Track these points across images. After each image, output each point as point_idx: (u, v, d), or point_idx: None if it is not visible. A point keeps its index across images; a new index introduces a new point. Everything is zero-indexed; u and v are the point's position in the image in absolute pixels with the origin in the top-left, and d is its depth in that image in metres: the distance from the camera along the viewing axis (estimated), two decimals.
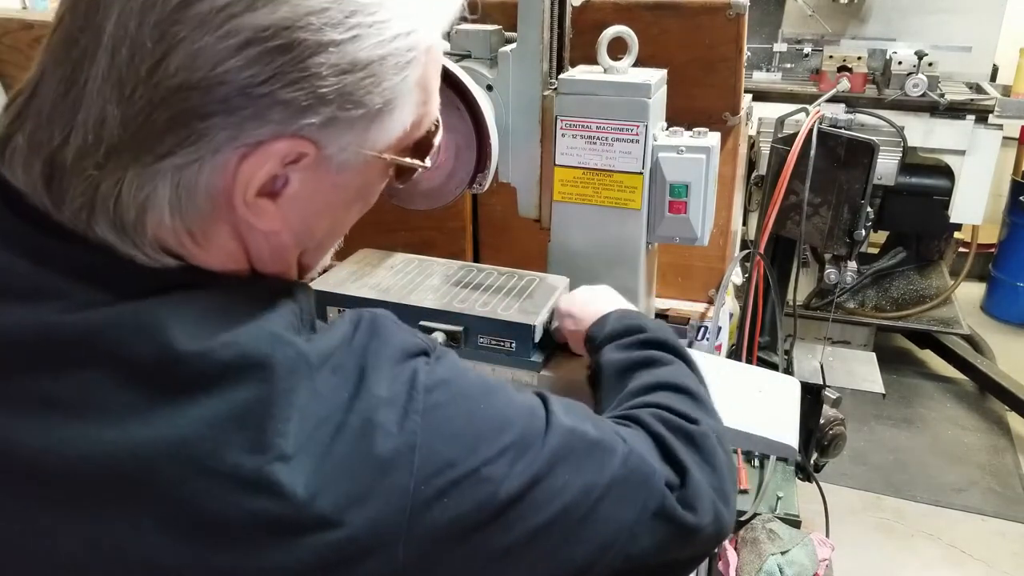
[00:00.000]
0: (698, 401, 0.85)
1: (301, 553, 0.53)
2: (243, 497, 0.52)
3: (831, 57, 3.16)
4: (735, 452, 2.01)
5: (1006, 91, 3.13)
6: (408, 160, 0.66)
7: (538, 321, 1.09)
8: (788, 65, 3.31)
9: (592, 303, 1.05)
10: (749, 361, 1.91)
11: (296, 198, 0.59)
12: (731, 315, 1.87)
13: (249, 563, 0.52)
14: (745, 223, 2.55)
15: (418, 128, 0.65)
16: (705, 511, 0.73)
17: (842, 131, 1.88)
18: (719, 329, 1.64)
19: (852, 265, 2.25)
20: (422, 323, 1.12)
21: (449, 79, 1.14)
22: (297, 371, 0.55)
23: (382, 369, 0.60)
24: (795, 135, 1.84)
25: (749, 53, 2.97)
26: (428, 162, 0.69)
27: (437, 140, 0.70)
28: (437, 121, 0.69)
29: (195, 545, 0.52)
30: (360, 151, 0.60)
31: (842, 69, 3.05)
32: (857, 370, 2.34)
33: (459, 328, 1.10)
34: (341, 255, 1.40)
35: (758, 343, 2.01)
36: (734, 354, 1.90)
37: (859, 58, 3.12)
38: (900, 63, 2.92)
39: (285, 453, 0.53)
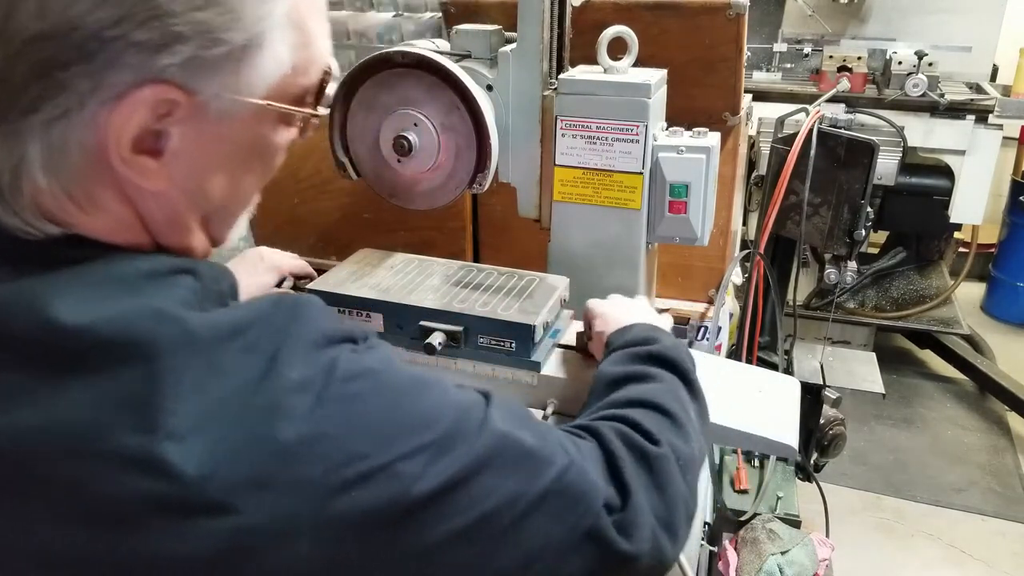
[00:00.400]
0: (675, 423, 0.80)
1: (196, 539, 0.51)
2: (131, 478, 0.51)
3: (831, 57, 3.16)
4: (735, 452, 2.01)
5: (1006, 91, 3.13)
6: (297, 109, 0.64)
7: (538, 321, 1.09)
8: (788, 65, 3.31)
9: (626, 310, 1.03)
10: (749, 361, 1.91)
11: (180, 155, 0.58)
12: (731, 315, 1.87)
13: (144, 547, 0.51)
14: (745, 223, 2.55)
15: (304, 74, 0.63)
16: (642, 539, 0.68)
17: (842, 131, 1.87)
18: (719, 329, 1.64)
19: (852, 265, 2.25)
20: (422, 323, 1.12)
21: (449, 79, 1.14)
22: (185, 348, 0.53)
23: (298, 353, 0.57)
24: (795, 135, 1.84)
25: (749, 53, 2.97)
26: (321, 110, 0.67)
27: (330, 89, 0.67)
28: (329, 68, 0.66)
29: (87, 530, 0.51)
30: (236, 98, 0.58)
31: (842, 69, 3.05)
32: (857, 370, 2.34)
33: (459, 328, 1.10)
34: (341, 255, 1.41)
35: (758, 343, 2.01)
36: (734, 354, 1.90)
37: (859, 58, 3.12)
38: (900, 63, 2.92)
39: (175, 432, 0.51)
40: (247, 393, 0.54)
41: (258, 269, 1.24)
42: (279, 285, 1.27)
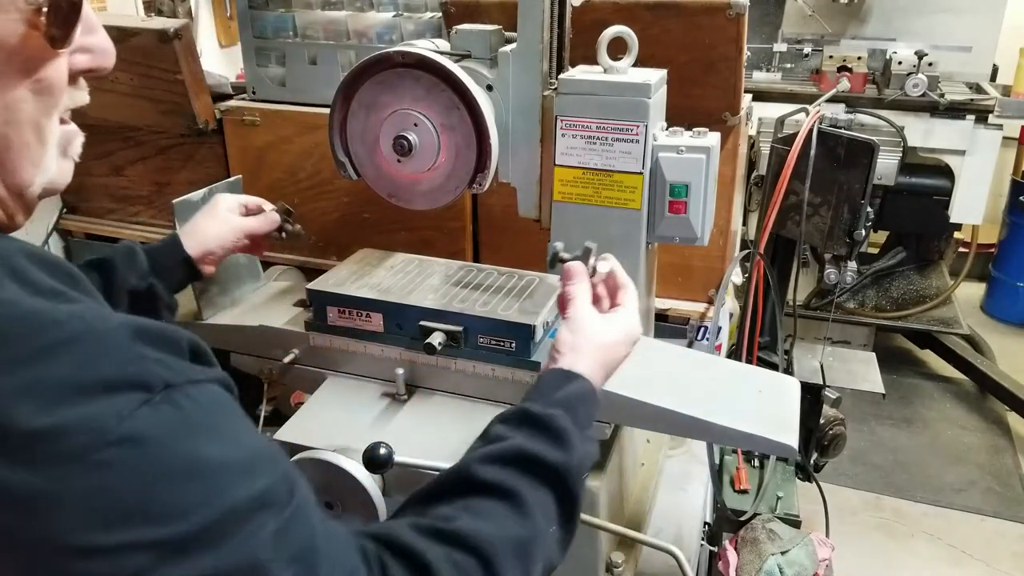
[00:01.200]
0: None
1: None
2: None
3: (831, 57, 3.17)
4: (735, 452, 2.01)
5: (1006, 91, 3.14)
6: None
7: (538, 321, 1.09)
8: (788, 65, 3.31)
9: (594, 349, 0.91)
10: (749, 361, 1.91)
11: None
12: (731, 315, 1.87)
13: None
14: (745, 223, 2.55)
15: None
16: None
17: (842, 131, 1.87)
18: (719, 329, 1.64)
19: (852, 265, 2.25)
20: (422, 323, 1.12)
21: (449, 79, 1.14)
22: None
23: (57, 393, 0.49)
24: (795, 135, 1.84)
25: (749, 53, 2.97)
26: None
27: None
28: None
29: None
30: None
31: (842, 69, 3.06)
32: (857, 370, 2.34)
33: (459, 328, 1.10)
34: (341, 255, 1.41)
35: (758, 343, 2.01)
36: (734, 354, 1.90)
37: (859, 58, 3.13)
38: (900, 63, 2.93)
39: None
40: None
41: (217, 211, 1.22)
42: (280, 231, 1.27)
